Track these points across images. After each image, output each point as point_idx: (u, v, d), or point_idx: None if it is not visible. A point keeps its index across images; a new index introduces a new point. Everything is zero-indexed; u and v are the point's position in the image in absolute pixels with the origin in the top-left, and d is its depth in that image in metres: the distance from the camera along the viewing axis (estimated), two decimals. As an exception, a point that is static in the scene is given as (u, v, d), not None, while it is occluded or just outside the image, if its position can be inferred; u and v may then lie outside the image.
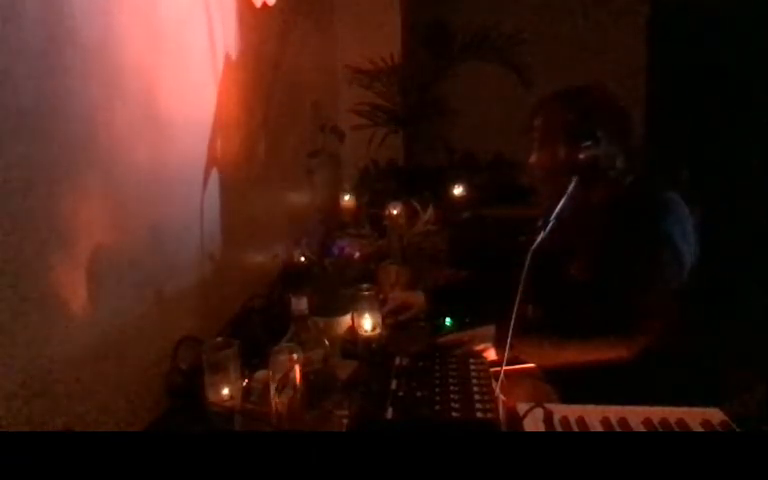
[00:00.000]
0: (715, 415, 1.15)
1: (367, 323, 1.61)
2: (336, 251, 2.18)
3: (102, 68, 1.16)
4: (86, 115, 1.12)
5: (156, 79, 1.36)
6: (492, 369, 1.37)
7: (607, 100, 1.53)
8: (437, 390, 1.29)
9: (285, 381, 1.21)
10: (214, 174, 1.65)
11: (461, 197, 3.08)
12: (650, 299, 1.39)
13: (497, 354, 1.48)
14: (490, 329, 1.53)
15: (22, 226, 0.96)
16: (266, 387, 1.27)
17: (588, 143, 1.45)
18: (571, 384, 1.45)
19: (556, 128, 1.50)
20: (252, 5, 1.86)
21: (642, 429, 1.13)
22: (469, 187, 3.10)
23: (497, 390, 1.29)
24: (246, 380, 1.36)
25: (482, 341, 1.52)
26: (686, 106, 3.50)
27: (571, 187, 1.44)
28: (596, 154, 1.45)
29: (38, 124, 0.99)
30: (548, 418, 1.15)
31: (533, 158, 1.56)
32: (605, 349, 1.40)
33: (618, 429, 1.13)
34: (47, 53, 1.01)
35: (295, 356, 1.24)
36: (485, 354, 1.50)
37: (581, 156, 1.45)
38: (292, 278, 1.98)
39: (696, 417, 1.15)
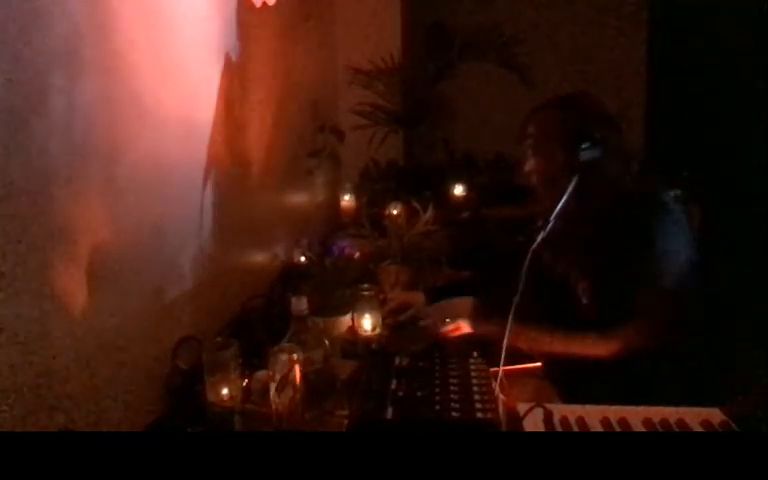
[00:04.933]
0: (715, 415, 1.15)
1: (367, 323, 1.61)
2: (336, 251, 2.17)
3: (101, 67, 1.16)
4: (86, 115, 1.12)
5: (156, 79, 1.36)
6: (492, 369, 1.37)
7: (595, 107, 1.55)
8: (437, 390, 1.29)
9: (285, 381, 1.21)
10: (214, 174, 1.65)
11: (461, 197, 3.08)
12: (638, 300, 1.40)
13: (472, 327, 1.47)
14: (467, 301, 1.52)
15: (22, 226, 0.96)
16: (266, 387, 1.27)
17: (579, 149, 1.46)
18: (571, 384, 1.45)
19: (547, 136, 1.54)
20: (252, 5, 1.85)
21: (642, 429, 1.13)
22: (469, 187, 3.10)
23: (497, 390, 1.29)
24: (246, 380, 1.36)
25: (457, 314, 1.51)
26: (686, 106, 3.50)
27: (571, 187, 1.45)
28: (588, 160, 1.46)
29: (37, 123, 0.99)
30: (548, 418, 1.15)
31: (527, 166, 1.59)
32: (589, 344, 1.41)
33: (618, 429, 1.13)
34: (46, 54, 1.01)
35: (295, 356, 1.24)
36: (460, 328, 1.52)
37: (573, 162, 1.47)
38: (292, 278, 1.98)
39: (696, 417, 1.15)
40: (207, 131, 1.63)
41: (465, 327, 1.52)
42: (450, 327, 1.55)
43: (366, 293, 1.65)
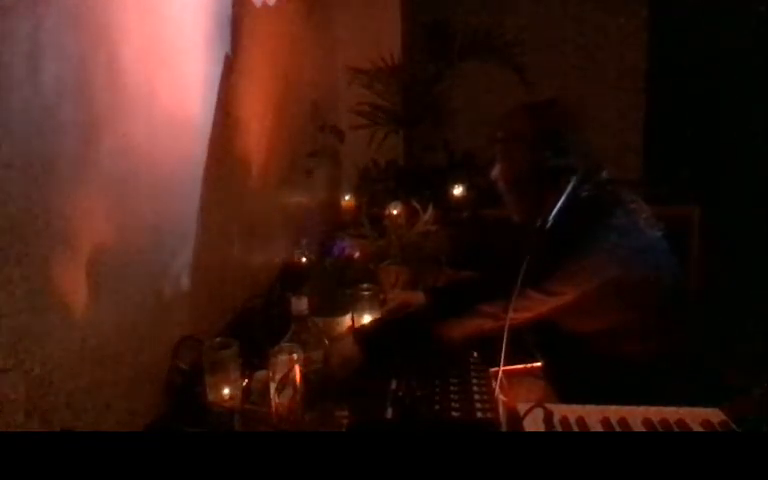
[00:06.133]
0: (715, 415, 1.16)
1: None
2: (336, 251, 2.17)
3: (101, 67, 1.16)
4: (86, 115, 1.12)
5: (156, 78, 1.36)
6: (492, 369, 1.37)
7: (569, 114, 1.56)
8: (437, 390, 1.29)
9: (285, 381, 1.21)
10: (214, 174, 1.65)
11: (461, 197, 3.08)
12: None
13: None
14: (348, 341, 1.53)
15: (22, 226, 0.96)
16: (266, 387, 1.27)
17: (548, 155, 1.47)
18: (571, 384, 1.45)
19: (517, 140, 1.54)
20: (252, 5, 1.86)
21: (642, 429, 1.13)
22: (469, 187, 3.10)
23: (497, 390, 1.29)
24: (246, 380, 1.36)
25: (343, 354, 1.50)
26: (686, 106, 3.51)
27: (569, 187, 1.46)
28: (555, 165, 1.46)
29: (37, 123, 0.99)
30: (548, 418, 1.15)
31: (495, 171, 1.59)
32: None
33: (618, 429, 1.13)
34: (45, 53, 1.01)
35: (295, 356, 1.24)
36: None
37: (534, 168, 1.48)
38: (292, 278, 1.98)
39: (696, 417, 1.15)
40: (207, 130, 1.63)
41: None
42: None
43: (366, 293, 1.65)
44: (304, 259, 2.13)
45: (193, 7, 1.56)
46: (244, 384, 1.35)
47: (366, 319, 1.62)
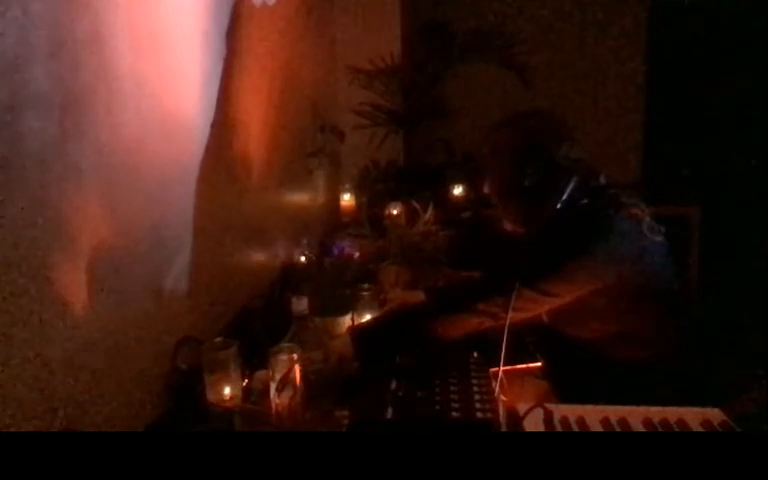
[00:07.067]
0: (715, 415, 1.15)
1: (367, 323, 1.61)
2: (336, 251, 2.18)
3: (100, 66, 1.16)
4: (86, 114, 1.12)
5: (155, 78, 1.36)
6: (492, 369, 1.38)
7: (553, 124, 1.55)
8: (437, 390, 1.29)
9: (285, 381, 1.21)
10: (214, 174, 1.65)
11: (461, 197, 3.08)
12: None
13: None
14: (345, 338, 1.54)
15: (22, 225, 0.96)
16: (266, 387, 1.27)
17: (534, 167, 1.47)
18: (571, 384, 1.45)
19: (496, 155, 1.56)
20: (252, 5, 1.86)
21: (642, 429, 1.13)
22: (469, 187, 3.10)
23: (497, 390, 1.29)
24: (246, 380, 1.36)
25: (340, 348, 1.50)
26: (686, 106, 3.51)
27: (570, 187, 1.46)
28: (543, 177, 1.47)
29: (36, 122, 0.99)
30: (548, 418, 1.15)
31: (486, 186, 1.61)
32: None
33: (618, 429, 1.13)
34: (43, 52, 1.01)
35: (295, 356, 1.25)
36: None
37: (520, 180, 1.48)
38: (292, 278, 1.98)
39: (696, 417, 1.15)
40: (206, 130, 1.63)
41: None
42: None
43: (366, 293, 1.65)
44: (304, 259, 2.13)
45: (192, 7, 1.56)
46: (244, 384, 1.35)
47: (366, 319, 1.62)
